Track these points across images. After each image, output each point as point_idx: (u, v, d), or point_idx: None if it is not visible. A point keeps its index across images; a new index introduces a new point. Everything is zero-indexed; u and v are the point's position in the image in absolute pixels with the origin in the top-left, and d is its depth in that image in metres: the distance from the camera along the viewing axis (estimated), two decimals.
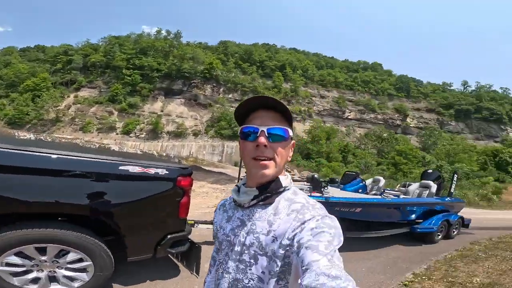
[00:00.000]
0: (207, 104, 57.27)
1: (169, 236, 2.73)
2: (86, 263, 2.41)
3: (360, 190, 6.78)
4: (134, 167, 2.46)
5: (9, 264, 2.22)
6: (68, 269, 2.41)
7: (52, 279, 2.39)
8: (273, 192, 0.80)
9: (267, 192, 0.79)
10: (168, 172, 2.62)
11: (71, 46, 69.09)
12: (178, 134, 51.24)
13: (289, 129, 0.81)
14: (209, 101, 57.80)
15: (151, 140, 49.64)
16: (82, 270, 2.45)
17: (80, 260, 2.40)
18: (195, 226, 4.50)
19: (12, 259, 2.21)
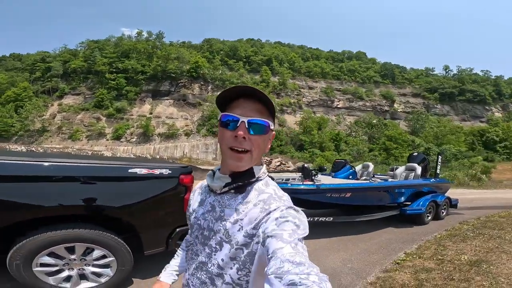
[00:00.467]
0: (196, 103, 56.86)
1: (178, 229, 2.93)
2: (110, 259, 2.60)
3: (351, 177, 7.01)
4: (141, 169, 2.63)
5: (43, 265, 2.40)
6: (94, 266, 2.59)
7: (82, 276, 2.59)
8: (245, 181, 0.80)
9: (239, 181, 0.80)
10: (171, 172, 2.80)
11: (48, 52, 67.18)
12: (169, 135, 50.84)
13: (271, 122, 0.80)
14: (198, 100, 57.37)
15: (142, 144, 49.11)
16: (106, 266, 2.63)
17: (104, 257, 2.58)
18: None
19: (46, 259, 2.39)
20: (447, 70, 79.29)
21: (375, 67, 76.63)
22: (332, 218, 5.25)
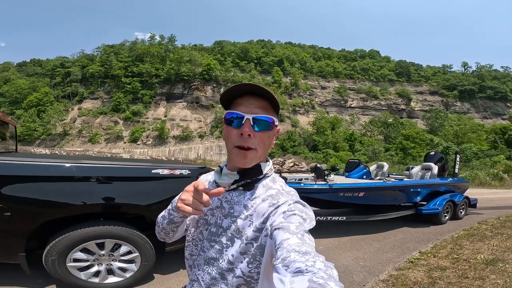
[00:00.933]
0: (209, 105, 57.70)
1: None
2: (134, 255, 2.76)
3: (364, 177, 6.98)
4: (163, 169, 2.81)
5: (76, 260, 2.59)
6: (121, 261, 2.78)
7: (109, 271, 2.77)
8: (253, 178, 0.81)
9: (247, 178, 0.81)
10: (190, 172, 2.95)
11: (67, 58, 70.08)
12: (184, 137, 51.83)
13: (275, 118, 0.82)
14: (211, 102, 58.17)
15: (158, 146, 50.33)
16: (131, 261, 2.81)
17: (129, 253, 2.77)
18: None
19: (78, 255, 2.58)
20: (465, 67, 76.59)
21: (389, 65, 74.99)
22: (345, 218, 5.28)
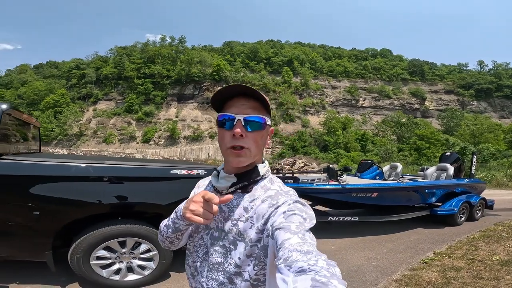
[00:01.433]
0: None
1: None
2: (153, 253, 2.84)
3: (378, 177, 6.92)
4: (181, 170, 2.90)
5: (99, 258, 2.70)
6: (140, 259, 2.88)
7: (129, 269, 2.86)
8: (251, 180, 0.82)
9: (245, 180, 0.81)
10: (206, 172, 3.04)
11: (81, 60, 71.91)
12: (195, 138, 52.46)
13: (266, 117, 0.82)
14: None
15: (169, 146, 51.14)
16: (149, 259, 2.91)
17: (148, 251, 2.86)
18: None
19: (102, 253, 2.69)
20: (482, 66, 74.09)
21: (402, 64, 73.47)
22: (358, 218, 5.28)
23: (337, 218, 5.15)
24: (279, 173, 5.70)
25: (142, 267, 2.89)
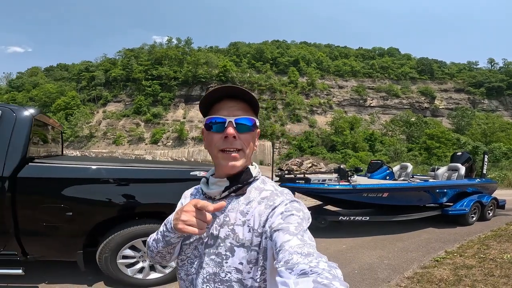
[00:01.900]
0: None
1: None
2: None
3: (388, 177, 6.96)
4: (200, 171, 3.01)
5: (125, 257, 2.82)
6: (158, 263, 2.98)
7: (152, 267, 2.98)
8: (244, 182, 0.80)
9: (238, 183, 0.79)
10: None
11: (91, 62, 73.03)
12: (202, 139, 52.70)
13: (256, 119, 0.81)
14: None
15: (177, 147, 51.66)
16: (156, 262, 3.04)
17: None
18: None
19: (127, 252, 2.81)
20: (492, 64, 72.56)
21: (410, 63, 72.45)
22: (368, 218, 5.34)
23: (347, 218, 5.23)
24: (290, 174, 5.81)
25: (164, 265, 2.99)
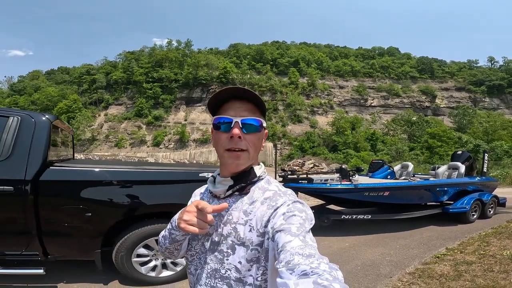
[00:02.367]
0: None
1: None
2: None
3: (389, 177, 7.07)
4: (208, 173, 3.12)
5: (139, 255, 2.94)
6: (168, 258, 3.10)
7: (163, 266, 3.10)
8: (248, 182, 0.81)
9: (241, 182, 0.81)
10: None
11: (91, 65, 73.28)
12: (204, 140, 53.01)
13: (263, 120, 0.83)
14: None
15: (179, 150, 51.86)
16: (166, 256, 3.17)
17: None
18: None
19: (141, 250, 2.92)
20: (492, 62, 72.62)
21: (410, 62, 72.49)
22: (370, 216, 5.46)
23: (350, 217, 5.35)
24: (293, 174, 5.93)
25: (175, 263, 3.14)
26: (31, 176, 2.49)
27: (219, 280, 0.76)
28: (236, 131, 0.76)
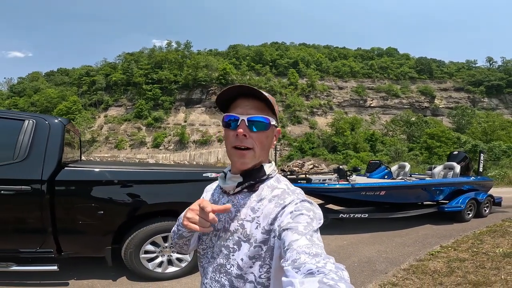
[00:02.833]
0: None
1: None
2: None
3: (386, 177, 7.23)
4: (212, 173, 3.29)
5: (147, 252, 3.04)
6: (179, 252, 3.19)
7: (169, 262, 3.20)
8: (257, 179, 0.81)
9: (250, 179, 0.81)
10: None
11: (91, 66, 73.70)
12: (203, 142, 53.21)
13: (271, 118, 0.81)
14: None
15: (179, 151, 52.02)
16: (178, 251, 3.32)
17: None
18: None
19: (149, 247, 3.03)
20: (491, 62, 73.12)
21: (409, 63, 72.94)
22: (367, 215, 5.61)
23: (348, 215, 5.50)
24: (293, 174, 6.10)
25: (180, 260, 3.27)
26: (47, 176, 2.62)
27: (224, 275, 0.77)
28: (240, 129, 0.76)
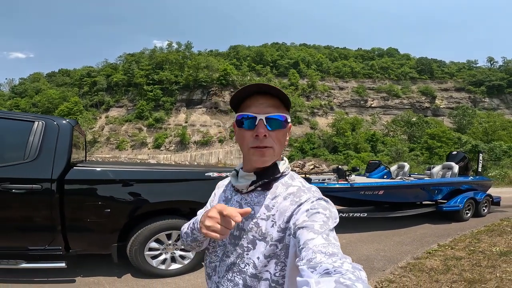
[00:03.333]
0: (228, 110, 58.92)
1: None
2: None
3: (385, 177, 7.31)
4: (213, 172, 3.39)
5: (151, 249, 3.13)
6: (181, 250, 3.29)
7: (172, 259, 3.29)
8: (271, 177, 0.80)
9: (264, 178, 0.79)
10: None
11: (92, 67, 73.58)
12: (204, 142, 53.31)
13: (287, 115, 0.80)
14: (229, 107, 58.54)
15: (180, 151, 52.13)
16: (189, 250, 3.41)
17: None
18: None
19: (153, 244, 3.12)
20: (492, 62, 73.13)
21: (410, 63, 72.97)
22: (366, 214, 5.70)
23: (347, 214, 5.59)
24: None
25: (183, 257, 3.36)
26: (57, 176, 2.72)
27: (237, 274, 0.76)
28: (261, 129, 0.74)
